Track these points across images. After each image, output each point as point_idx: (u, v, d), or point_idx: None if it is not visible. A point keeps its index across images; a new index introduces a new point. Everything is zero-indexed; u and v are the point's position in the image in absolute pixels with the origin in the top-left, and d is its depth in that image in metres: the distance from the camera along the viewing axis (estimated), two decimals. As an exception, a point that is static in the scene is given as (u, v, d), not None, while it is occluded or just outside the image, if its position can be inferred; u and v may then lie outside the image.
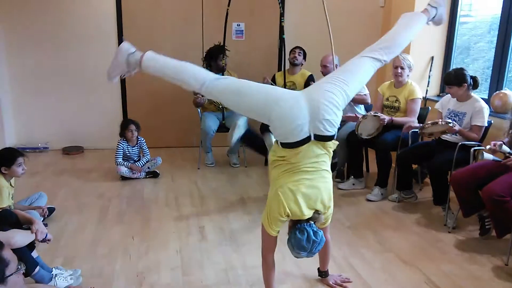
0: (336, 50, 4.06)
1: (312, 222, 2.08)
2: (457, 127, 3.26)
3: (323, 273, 2.55)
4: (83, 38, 5.03)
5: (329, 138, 2.04)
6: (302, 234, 2.01)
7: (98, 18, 5.01)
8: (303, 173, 2.05)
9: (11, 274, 1.38)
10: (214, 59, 4.55)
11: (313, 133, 2.00)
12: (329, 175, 2.12)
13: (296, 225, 2.07)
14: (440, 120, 3.35)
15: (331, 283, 2.52)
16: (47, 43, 4.98)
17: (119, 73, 2.27)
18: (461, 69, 3.36)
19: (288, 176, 2.06)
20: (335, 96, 2.03)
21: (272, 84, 4.59)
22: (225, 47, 4.50)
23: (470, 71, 3.40)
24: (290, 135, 2.01)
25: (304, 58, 4.70)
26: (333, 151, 2.13)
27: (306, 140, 2.00)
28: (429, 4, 2.38)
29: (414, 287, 2.53)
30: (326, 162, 2.10)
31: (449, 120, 3.30)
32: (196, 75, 2.11)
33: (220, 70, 4.52)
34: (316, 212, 2.08)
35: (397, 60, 3.82)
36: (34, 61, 5.00)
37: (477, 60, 4.39)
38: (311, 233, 2.01)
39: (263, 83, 4.58)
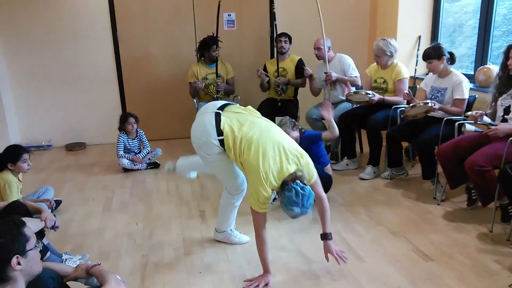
0: (327, 33, 4.21)
1: (298, 181, 2.25)
2: (437, 106, 3.40)
3: (322, 235, 2.53)
4: (78, 36, 5.16)
5: None
6: (290, 191, 2.20)
7: (92, 15, 5.13)
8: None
9: (31, 249, 1.52)
10: (207, 50, 4.67)
11: None
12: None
13: (284, 187, 2.26)
14: (419, 102, 3.48)
15: (330, 248, 2.51)
16: (44, 42, 5.10)
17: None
18: (438, 44, 3.53)
19: (250, 151, 2.30)
20: None
21: (266, 75, 4.72)
22: (218, 38, 4.61)
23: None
24: None
25: (290, 42, 4.77)
26: None
27: None
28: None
29: (403, 256, 2.68)
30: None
31: (428, 101, 3.44)
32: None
33: (213, 61, 4.65)
34: (296, 170, 2.29)
35: (375, 50, 3.96)
36: (32, 61, 5.14)
37: (470, 37, 4.45)
38: (298, 188, 2.20)
39: (258, 75, 4.73)
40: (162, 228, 3.15)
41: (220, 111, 2.50)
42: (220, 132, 2.41)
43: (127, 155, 4.46)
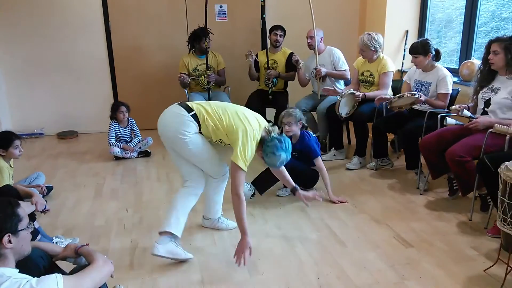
0: (317, 26, 4.29)
1: (272, 133, 2.53)
2: (423, 98, 3.49)
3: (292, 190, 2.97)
4: (71, 26, 5.18)
5: None
6: (272, 141, 2.48)
7: (85, 5, 5.15)
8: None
9: (23, 229, 1.59)
10: (197, 41, 4.71)
11: None
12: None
13: (264, 141, 2.52)
14: (406, 93, 3.58)
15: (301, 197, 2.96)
16: (37, 32, 5.12)
17: None
18: (426, 40, 3.60)
19: (227, 115, 2.52)
20: None
21: (255, 59, 4.78)
22: (208, 30, 4.66)
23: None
24: None
25: (284, 36, 4.82)
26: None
27: None
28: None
29: (384, 242, 2.78)
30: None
31: (414, 92, 3.53)
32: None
33: (203, 52, 4.70)
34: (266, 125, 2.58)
35: (360, 42, 4.03)
36: (25, 51, 5.15)
37: (459, 33, 4.45)
38: (277, 136, 2.51)
39: (246, 56, 4.77)
40: (151, 214, 3.22)
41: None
42: (190, 110, 2.55)
43: (118, 143, 4.52)
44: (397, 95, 3.62)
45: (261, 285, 2.35)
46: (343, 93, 3.91)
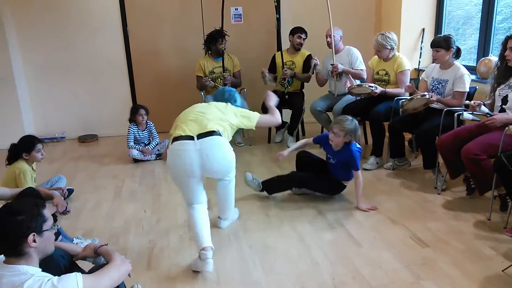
0: (334, 24, 4.30)
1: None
2: (434, 98, 3.46)
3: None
4: (90, 30, 5.30)
5: None
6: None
7: (103, 10, 5.26)
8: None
9: (47, 230, 1.65)
10: (213, 43, 4.77)
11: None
12: None
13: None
14: (416, 95, 3.54)
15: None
16: (57, 35, 5.25)
17: None
18: (449, 35, 3.56)
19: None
20: None
21: (269, 74, 4.80)
22: (224, 32, 4.71)
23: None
24: None
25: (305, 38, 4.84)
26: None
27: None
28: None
29: (400, 242, 2.77)
30: None
31: (425, 93, 3.49)
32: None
33: (219, 54, 4.75)
34: None
35: (374, 45, 4.03)
36: (45, 54, 5.29)
37: (479, 30, 4.45)
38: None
39: (261, 76, 4.79)
40: (169, 216, 3.28)
41: (191, 136, 2.61)
42: (215, 132, 2.62)
43: (137, 146, 4.60)
44: (407, 98, 3.60)
45: (276, 285, 2.37)
46: (361, 84, 3.99)
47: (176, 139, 2.59)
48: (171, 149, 2.62)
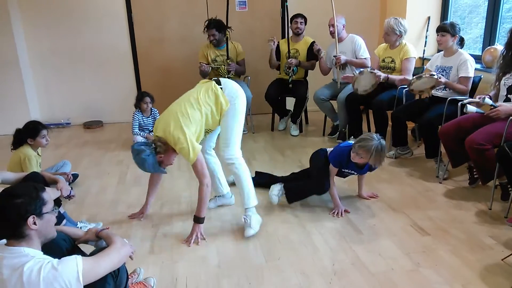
0: (338, 14, 4.28)
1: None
2: (443, 79, 3.45)
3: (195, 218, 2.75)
4: (95, 18, 5.30)
5: None
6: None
7: (108, -2, 5.27)
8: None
9: (47, 212, 1.68)
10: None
11: None
12: None
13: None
14: (425, 73, 3.53)
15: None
16: (62, 23, 5.27)
17: None
18: (456, 22, 3.55)
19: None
20: None
21: (277, 46, 4.79)
22: (228, 29, 4.65)
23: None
24: None
25: (305, 23, 4.81)
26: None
27: None
28: None
29: (400, 230, 2.79)
30: None
31: (433, 72, 3.48)
32: None
33: (220, 44, 4.74)
34: None
35: (385, 25, 3.98)
36: (51, 41, 5.31)
37: (485, 19, 4.39)
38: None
39: (269, 41, 4.78)
40: (172, 201, 3.32)
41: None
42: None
43: (141, 132, 4.63)
44: (415, 76, 3.57)
45: (276, 270, 2.40)
46: (362, 71, 3.90)
47: None
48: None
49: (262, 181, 3.45)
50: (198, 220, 2.71)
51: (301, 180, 3.30)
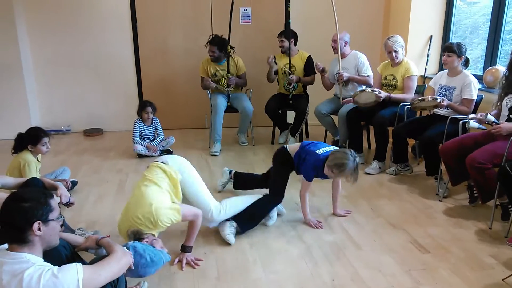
0: (341, 31, 4.32)
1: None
2: (445, 102, 3.47)
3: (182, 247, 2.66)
4: (99, 25, 5.34)
5: None
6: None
7: (113, 5, 5.30)
8: None
9: (53, 219, 1.67)
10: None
11: None
12: None
13: None
14: (428, 96, 3.55)
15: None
16: (66, 30, 5.29)
17: None
18: (462, 43, 3.57)
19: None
20: None
21: (275, 62, 4.82)
22: (230, 49, 4.70)
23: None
24: None
25: (295, 40, 4.83)
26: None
27: None
28: None
29: (399, 247, 2.78)
30: None
31: (437, 97, 3.50)
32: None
33: (219, 60, 4.78)
34: None
35: (387, 46, 4.03)
36: (54, 47, 5.33)
37: (486, 39, 4.45)
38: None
39: (267, 62, 4.79)
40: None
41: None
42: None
43: (142, 141, 4.62)
44: (418, 98, 3.60)
45: (275, 284, 2.38)
46: (363, 89, 3.93)
47: None
48: None
49: (241, 183, 3.55)
50: (185, 249, 2.63)
51: (250, 205, 3.03)
